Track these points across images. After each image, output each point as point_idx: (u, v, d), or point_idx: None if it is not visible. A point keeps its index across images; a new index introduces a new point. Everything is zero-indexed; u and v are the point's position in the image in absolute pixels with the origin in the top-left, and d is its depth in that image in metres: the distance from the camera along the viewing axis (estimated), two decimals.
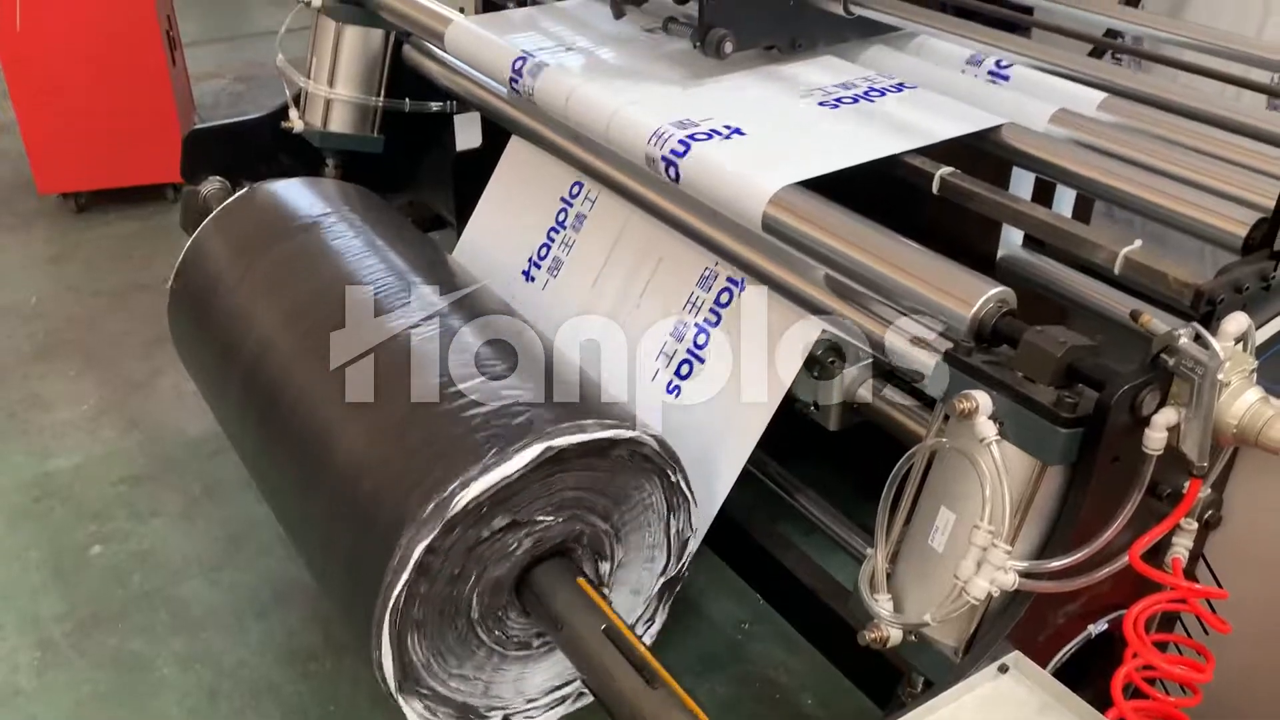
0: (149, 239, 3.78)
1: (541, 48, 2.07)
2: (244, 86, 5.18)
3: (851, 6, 1.82)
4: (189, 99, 4.41)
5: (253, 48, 5.74)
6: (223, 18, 6.25)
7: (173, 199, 3.91)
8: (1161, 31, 1.67)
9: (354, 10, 2.48)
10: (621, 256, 1.98)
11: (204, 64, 5.38)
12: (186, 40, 5.06)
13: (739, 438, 1.73)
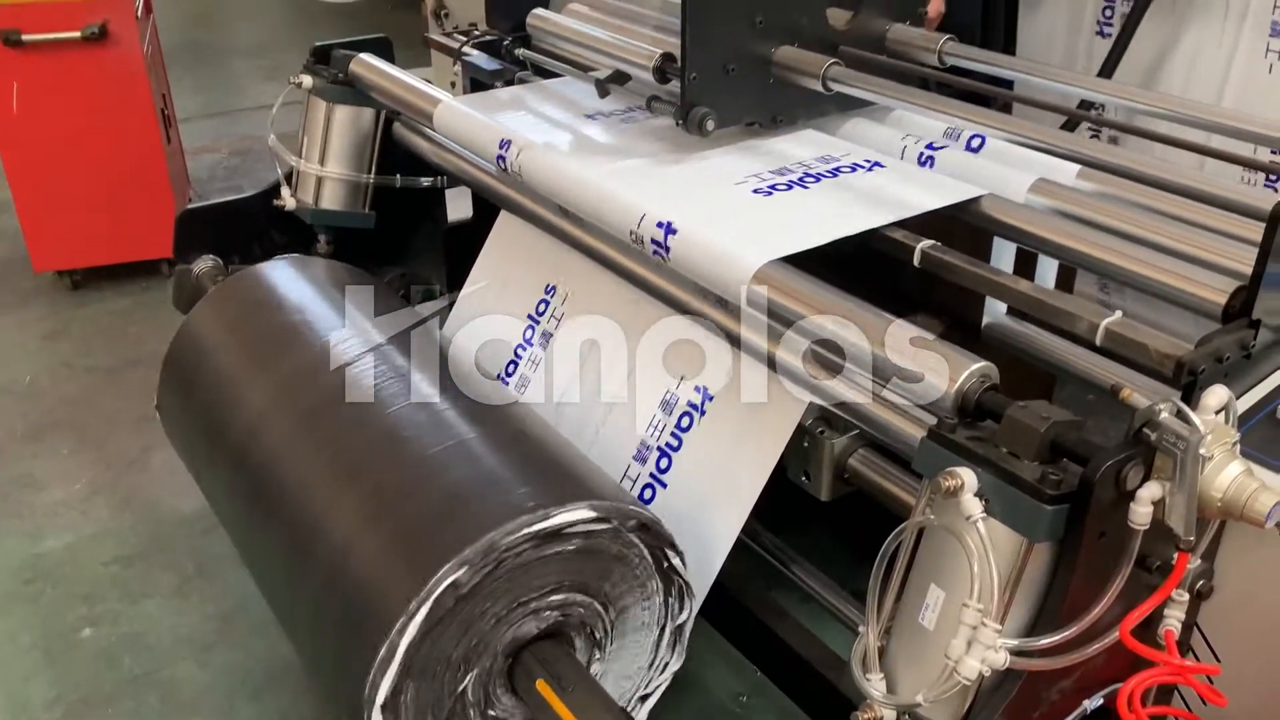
0: (143, 314, 3.80)
1: (528, 126, 2.10)
2: (239, 160, 5.24)
3: (830, 84, 1.85)
4: (184, 175, 4.47)
5: (248, 121, 5.82)
6: (218, 93, 6.35)
7: (167, 273, 3.93)
8: (1135, 102, 1.70)
9: (344, 91, 2.53)
10: (590, 370, 1.99)
11: (200, 138, 5.46)
12: (182, 116, 5.15)
13: (730, 510, 1.73)
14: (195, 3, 9.01)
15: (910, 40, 2.00)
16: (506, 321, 2.21)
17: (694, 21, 1.80)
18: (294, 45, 7.23)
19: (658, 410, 1.85)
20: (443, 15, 4.66)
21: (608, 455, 1.88)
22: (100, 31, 3.45)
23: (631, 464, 1.87)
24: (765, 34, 1.90)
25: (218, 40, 7.63)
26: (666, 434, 1.83)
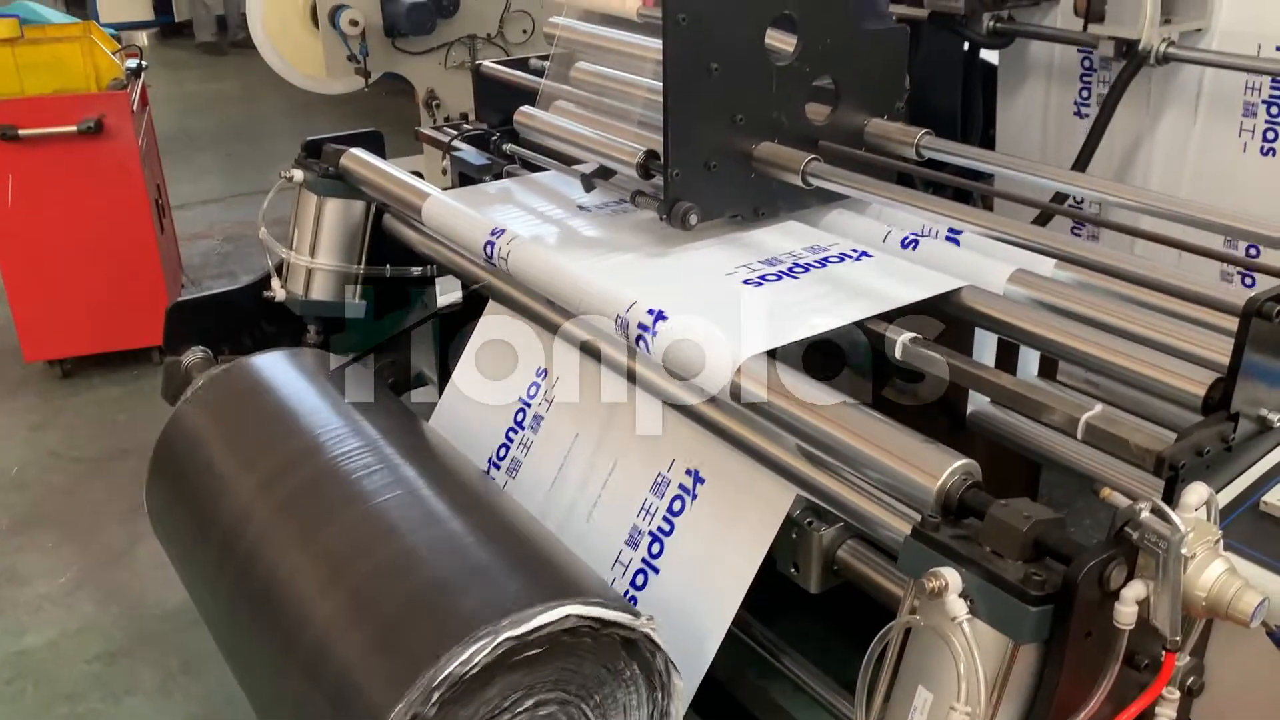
0: (132, 403, 3.80)
1: (515, 220, 2.13)
2: (232, 246, 5.29)
3: (809, 179, 1.88)
4: (177, 262, 4.51)
5: (242, 207, 5.88)
6: (213, 179, 6.44)
7: (158, 361, 3.95)
8: (1110, 195, 1.73)
9: (335, 184, 2.56)
10: (578, 457, 1.99)
11: (194, 225, 5.52)
12: (177, 203, 5.21)
13: (721, 601, 1.72)
14: (191, 91, 9.19)
15: (888, 134, 2.04)
16: (495, 409, 2.21)
17: (676, 121, 1.84)
18: (288, 131, 7.35)
19: (649, 494, 1.84)
20: (434, 105, 4.77)
21: (599, 542, 1.87)
22: (96, 126, 3.51)
23: (623, 549, 1.85)
24: (745, 131, 1.94)
25: (213, 127, 7.75)
26: (658, 518, 1.82)
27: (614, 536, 1.88)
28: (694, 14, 1.80)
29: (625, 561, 1.85)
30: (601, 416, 1.98)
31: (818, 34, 1.97)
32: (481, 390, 2.28)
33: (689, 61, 1.83)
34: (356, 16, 4.57)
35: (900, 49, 2.10)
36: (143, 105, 3.99)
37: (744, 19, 1.86)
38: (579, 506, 1.96)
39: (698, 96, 1.86)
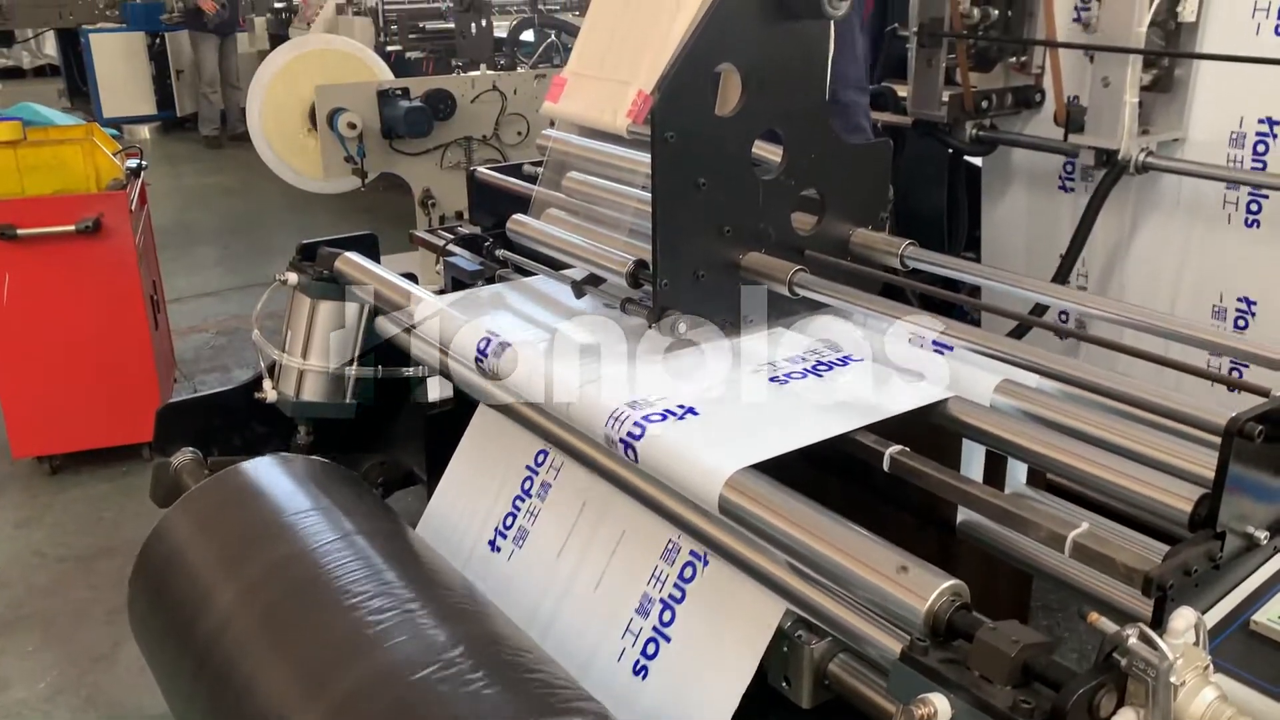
0: (120, 500, 3.77)
1: (506, 326, 2.15)
2: (225, 340, 5.31)
3: (795, 289, 1.91)
4: (170, 356, 4.52)
5: (237, 300, 5.92)
6: (209, 273, 6.49)
7: (148, 457, 3.93)
8: (1090, 308, 1.76)
9: (328, 287, 2.59)
10: (584, 528, 1.99)
11: (189, 318, 5.55)
12: (172, 296, 5.25)
13: (710, 716, 1.69)
14: (191, 184, 9.33)
15: (873, 244, 2.08)
16: (483, 512, 2.21)
17: (664, 234, 1.88)
18: (286, 225, 7.45)
19: (660, 560, 1.82)
20: (430, 204, 4.85)
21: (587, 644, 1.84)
22: (94, 225, 3.55)
23: (625, 640, 1.82)
24: (733, 241, 1.98)
25: (211, 220, 7.85)
26: (670, 585, 1.79)
27: (609, 636, 1.85)
28: (681, 132, 1.85)
29: (635, 630, 1.82)
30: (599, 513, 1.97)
31: (802, 149, 2.02)
32: (471, 491, 2.27)
33: (677, 177, 1.87)
34: (355, 119, 4.67)
35: (883, 162, 2.15)
36: (141, 203, 4.04)
37: (730, 136, 1.91)
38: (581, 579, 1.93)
39: (685, 210, 1.90)
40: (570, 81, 2.09)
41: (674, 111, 1.85)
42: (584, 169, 2.33)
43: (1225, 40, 2.45)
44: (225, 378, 4.83)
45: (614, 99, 1.94)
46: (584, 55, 2.07)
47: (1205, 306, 2.60)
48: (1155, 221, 2.67)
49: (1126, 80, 2.42)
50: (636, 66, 1.92)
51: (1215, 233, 2.56)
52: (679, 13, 1.86)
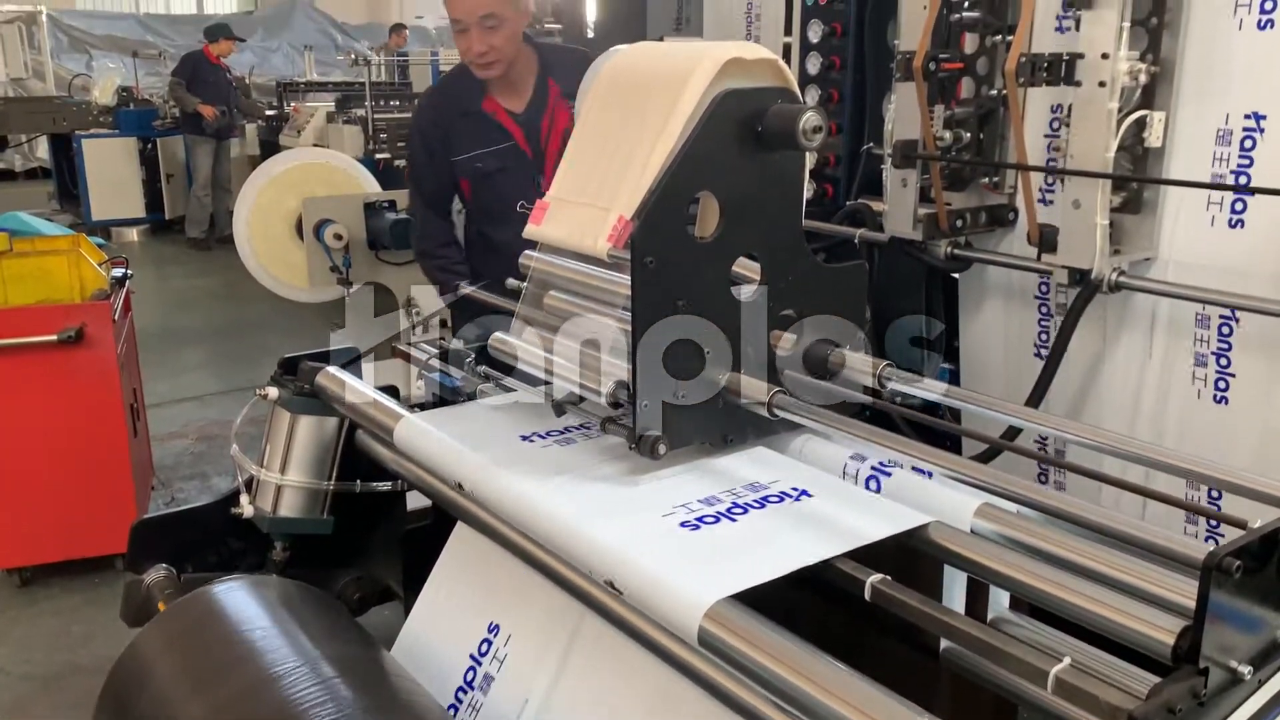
0: (91, 614, 3.70)
1: (486, 444, 2.15)
2: (205, 446, 5.28)
3: (775, 410, 1.92)
4: (148, 464, 4.48)
5: (218, 405, 5.91)
6: (191, 377, 6.49)
7: (120, 569, 3.86)
8: (1067, 434, 1.77)
9: (309, 402, 2.59)
10: (563, 652, 1.95)
11: (169, 424, 5.53)
12: (153, 402, 5.23)
13: None
14: (176, 286, 9.38)
15: (851, 365, 2.09)
16: (463, 631, 2.17)
17: (644, 356, 1.89)
18: (270, 328, 7.48)
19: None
20: (414, 311, 4.88)
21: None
22: (77, 335, 3.56)
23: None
24: (713, 363, 1.99)
25: (195, 323, 7.88)
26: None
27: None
28: (660, 257, 1.88)
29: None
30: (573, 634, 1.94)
31: (780, 271, 2.05)
32: (449, 611, 2.24)
33: (656, 300, 1.90)
34: (341, 231, 4.74)
35: (860, 283, 2.18)
36: (125, 312, 4.06)
37: (708, 261, 1.94)
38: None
39: (665, 333, 1.91)
40: (552, 206, 2.13)
41: (653, 237, 1.89)
42: (565, 288, 2.35)
43: (1191, 165, 2.52)
44: (204, 485, 4.80)
45: (595, 224, 1.98)
46: (566, 183, 2.11)
47: (1183, 431, 2.62)
48: (1130, 340, 2.71)
49: (1097, 203, 2.48)
50: (617, 193, 1.95)
51: (1187, 356, 2.60)
52: (658, 143, 1.91)
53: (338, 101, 9.41)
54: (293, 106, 10.54)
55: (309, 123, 9.43)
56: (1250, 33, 2.42)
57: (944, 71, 2.75)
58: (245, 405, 2.71)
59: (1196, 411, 2.56)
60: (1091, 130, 2.47)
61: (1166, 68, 2.53)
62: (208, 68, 11.05)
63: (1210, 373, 2.53)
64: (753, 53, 1.96)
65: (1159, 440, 2.66)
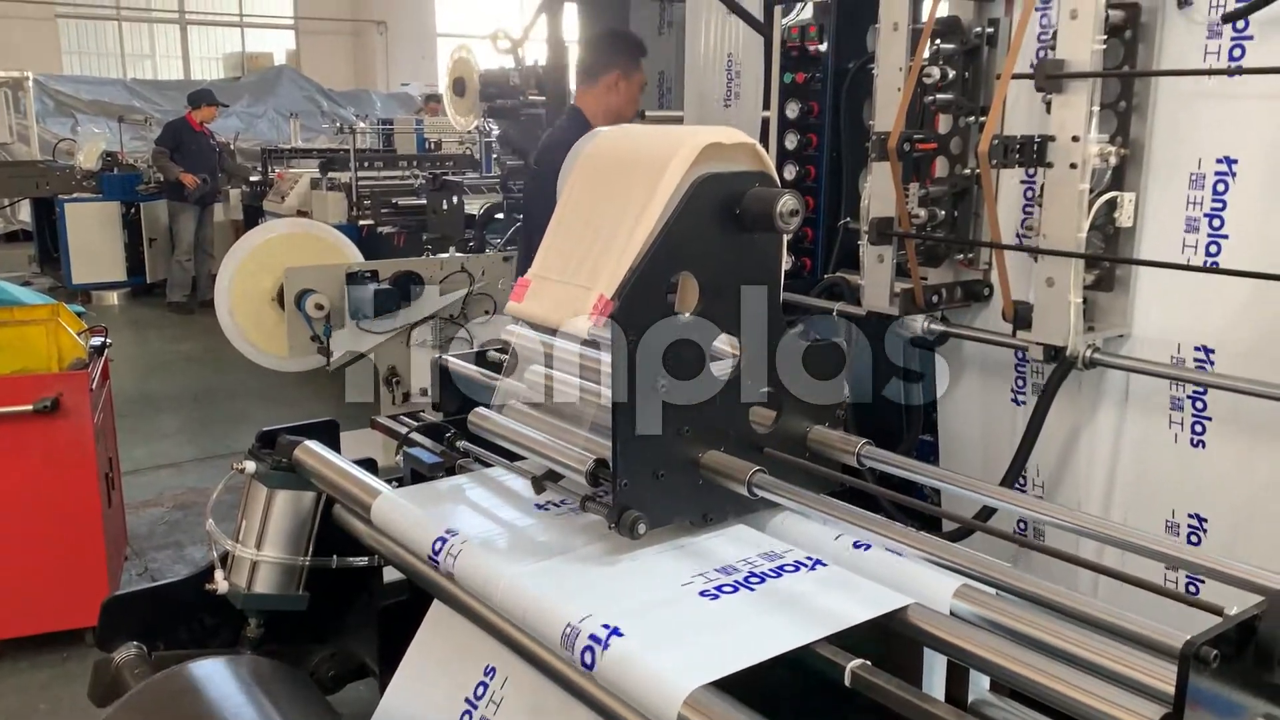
0: (58, 689, 3.62)
1: (464, 522, 2.14)
2: (181, 514, 5.22)
3: (754, 489, 1.92)
4: (122, 533, 4.42)
5: (195, 472, 5.86)
6: (168, 443, 6.43)
7: (90, 642, 3.78)
8: (1043, 515, 1.78)
9: (286, 476, 2.57)
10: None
11: (145, 491, 5.47)
12: (129, 468, 5.18)
13: None
14: (156, 350, 9.34)
15: (830, 442, 2.11)
16: (438, 712, 2.13)
17: (624, 434, 1.90)
18: (249, 394, 7.44)
19: None
20: (394, 382, 4.88)
21: None
22: (52, 405, 3.53)
23: None
24: (692, 440, 2.00)
25: (173, 389, 7.83)
26: None
27: None
28: (641, 336, 1.90)
29: None
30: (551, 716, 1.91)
31: (758, 349, 2.07)
32: (424, 690, 2.20)
33: (636, 378, 1.90)
34: (322, 301, 4.75)
35: (837, 361, 2.20)
36: (103, 380, 4.04)
37: (688, 339, 1.96)
38: None
39: (645, 411, 1.92)
40: (534, 283, 2.14)
41: (634, 316, 1.90)
42: (546, 364, 2.36)
43: (1160, 245, 2.57)
44: (178, 555, 4.73)
45: (576, 302, 1.99)
46: (548, 260, 2.13)
47: (1158, 509, 2.64)
48: (1105, 417, 2.73)
49: (1070, 281, 2.52)
50: (598, 272, 1.97)
51: (1161, 435, 2.63)
52: (639, 224, 1.93)
53: (322, 167, 9.48)
54: (277, 173, 10.61)
55: (293, 189, 9.49)
56: (1218, 102, 2.46)
57: (918, 151, 2.81)
58: (222, 475, 2.69)
59: (1175, 464, 2.58)
60: (1063, 210, 2.51)
61: (1136, 150, 2.59)
62: (191, 135, 11.11)
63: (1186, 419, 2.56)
64: (731, 138, 2.00)
65: (1139, 510, 2.67)
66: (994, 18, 2.89)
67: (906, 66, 2.80)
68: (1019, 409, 2.98)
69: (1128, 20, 2.53)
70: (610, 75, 4.17)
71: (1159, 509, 2.62)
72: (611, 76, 4.16)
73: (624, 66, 4.17)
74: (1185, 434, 2.61)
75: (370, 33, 21.92)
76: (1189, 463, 2.56)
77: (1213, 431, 2.54)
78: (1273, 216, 2.37)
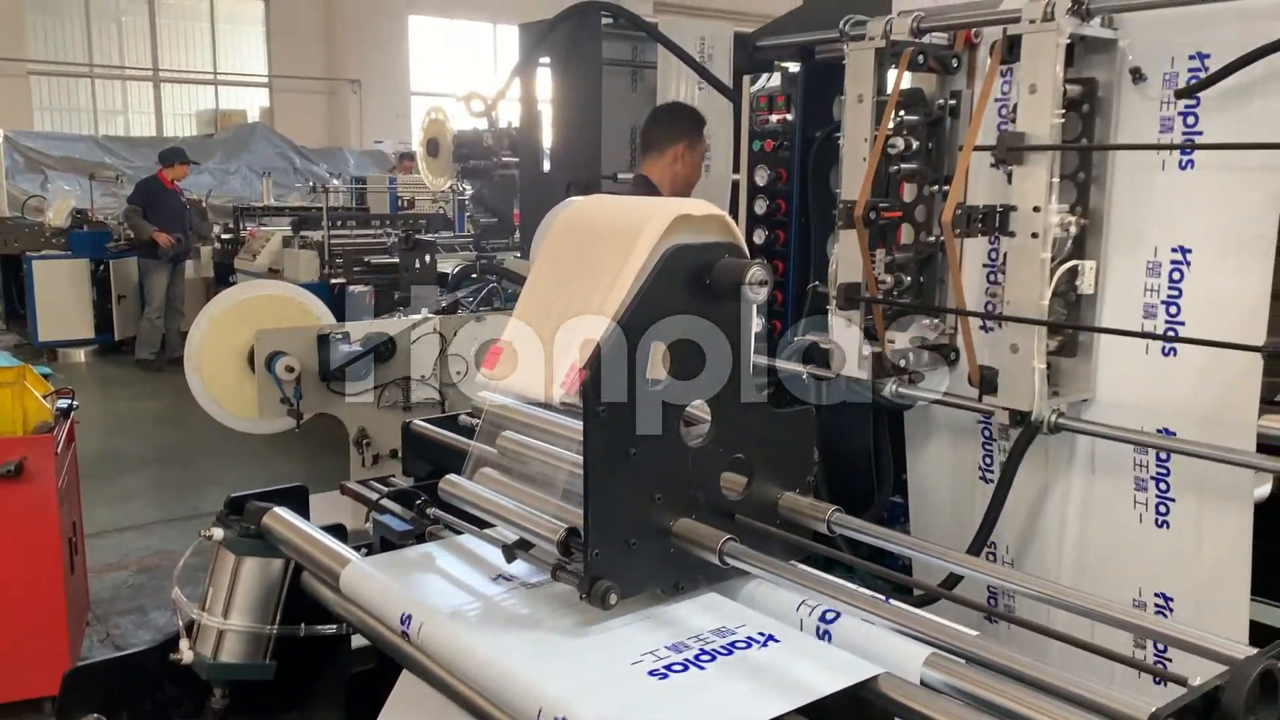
0: None
1: (433, 592, 2.13)
2: (145, 578, 5.14)
3: (726, 558, 1.93)
4: (85, 598, 4.35)
5: (160, 534, 5.78)
6: (134, 504, 6.35)
7: (49, 712, 3.70)
8: (1014, 585, 1.79)
9: (254, 543, 2.54)
10: None
11: (109, 554, 5.38)
12: (93, 531, 5.10)
13: None
14: (123, 409, 9.24)
15: (800, 509, 2.12)
16: None
17: (595, 505, 1.90)
18: (217, 453, 7.36)
19: None
20: (365, 444, 4.85)
21: None
22: (16, 470, 3.49)
23: None
24: (664, 508, 2.00)
25: (140, 448, 7.74)
26: None
27: None
28: (612, 405, 1.91)
29: None
30: None
31: (729, 416, 2.08)
32: None
33: (608, 448, 1.92)
34: (293, 363, 4.73)
35: (807, 428, 2.22)
36: (68, 443, 3.99)
37: (660, 408, 1.97)
38: None
39: (617, 480, 1.93)
40: (505, 351, 2.16)
41: (605, 385, 1.92)
42: (519, 429, 2.37)
43: (1121, 313, 2.63)
44: (141, 620, 4.65)
45: (548, 370, 2.00)
46: (519, 328, 2.14)
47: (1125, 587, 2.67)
48: (1071, 482, 2.77)
49: (1034, 347, 2.57)
50: (570, 341, 1.99)
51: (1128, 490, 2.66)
52: (610, 294, 1.96)
53: (294, 225, 9.49)
54: (249, 230, 10.61)
55: (264, 247, 9.48)
56: (1173, 173, 2.54)
57: (884, 219, 2.87)
58: (187, 537, 2.66)
59: (1140, 544, 2.61)
60: (1026, 278, 2.57)
61: (1095, 219, 2.66)
62: (163, 193, 11.11)
63: (1150, 499, 2.59)
64: (701, 209, 2.04)
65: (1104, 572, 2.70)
66: (956, 90, 2.98)
67: (872, 137, 2.87)
68: (986, 469, 3.02)
69: (1085, 95, 2.62)
70: (677, 147, 4.23)
71: (1126, 586, 2.65)
72: (678, 148, 4.23)
73: (689, 138, 4.24)
74: (1150, 514, 2.64)
75: (344, 91, 22.08)
76: (1150, 542, 2.60)
77: (1177, 490, 2.58)
78: (1228, 287, 2.44)
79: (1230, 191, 2.44)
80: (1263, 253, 2.39)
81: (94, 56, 20.81)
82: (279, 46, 21.83)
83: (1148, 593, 2.60)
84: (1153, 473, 2.59)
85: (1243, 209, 2.41)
